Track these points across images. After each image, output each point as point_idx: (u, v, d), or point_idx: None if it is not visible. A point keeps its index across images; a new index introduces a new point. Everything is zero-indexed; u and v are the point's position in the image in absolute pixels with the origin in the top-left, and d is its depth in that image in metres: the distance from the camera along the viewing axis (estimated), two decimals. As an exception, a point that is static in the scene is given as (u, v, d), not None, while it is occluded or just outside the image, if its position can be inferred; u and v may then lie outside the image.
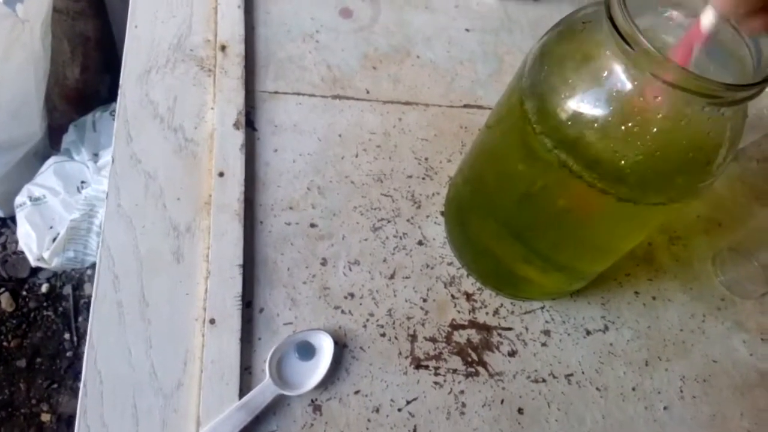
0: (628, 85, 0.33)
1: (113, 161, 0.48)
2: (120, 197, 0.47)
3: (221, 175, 0.48)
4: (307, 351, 0.44)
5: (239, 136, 0.50)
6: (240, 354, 0.43)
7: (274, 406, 0.43)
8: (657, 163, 0.34)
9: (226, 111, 0.51)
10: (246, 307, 0.45)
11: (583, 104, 0.35)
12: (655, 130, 0.33)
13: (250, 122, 0.53)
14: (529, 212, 0.43)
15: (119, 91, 0.51)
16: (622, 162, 0.34)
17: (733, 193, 0.60)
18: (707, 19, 0.31)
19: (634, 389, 0.48)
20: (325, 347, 0.45)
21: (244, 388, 0.42)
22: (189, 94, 0.53)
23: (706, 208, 0.58)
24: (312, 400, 0.44)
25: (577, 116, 0.35)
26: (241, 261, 0.46)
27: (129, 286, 0.44)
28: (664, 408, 0.48)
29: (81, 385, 0.41)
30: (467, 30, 0.65)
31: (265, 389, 0.42)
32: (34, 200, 0.96)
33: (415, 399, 0.45)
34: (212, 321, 0.43)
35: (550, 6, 0.68)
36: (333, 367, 0.45)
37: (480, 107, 0.59)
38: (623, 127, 0.34)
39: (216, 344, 0.43)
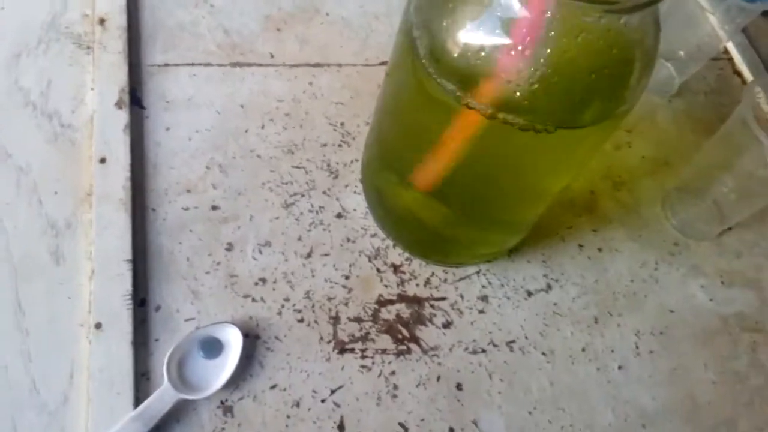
0: (514, 3, 0.28)
1: (-23, 158, 0.43)
2: (-13, 197, 0.42)
3: (102, 161, 0.43)
4: (212, 348, 0.40)
5: (122, 116, 0.45)
6: (133, 359, 0.38)
7: (178, 413, 0.38)
8: (557, 91, 0.30)
9: (106, 90, 0.46)
10: (139, 306, 0.40)
11: (467, 32, 0.30)
12: (548, 51, 0.29)
13: (137, 100, 0.47)
14: (441, 164, 0.38)
15: (-16, 80, 0.46)
16: (517, 94, 0.29)
17: (679, 130, 0.56)
18: None
19: (583, 350, 0.44)
20: (233, 341, 0.40)
21: (141, 397, 0.38)
22: (65, 76, 0.47)
23: (651, 147, 0.54)
24: (222, 402, 0.39)
25: (464, 47, 0.30)
26: (129, 255, 0.41)
27: (1, 294, 0.39)
28: (619, 367, 0.44)
29: (-53, 413, 0.36)
30: (383, -18, 0.59)
31: (163, 395, 0.37)
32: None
33: (340, 387, 0.40)
34: (98, 325, 0.38)
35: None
36: (244, 362, 0.40)
37: (400, 63, 0.54)
38: (512, 53, 0.29)
39: (104, 350, 0.38)
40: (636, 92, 0.31)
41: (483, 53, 0.29)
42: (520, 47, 0.28)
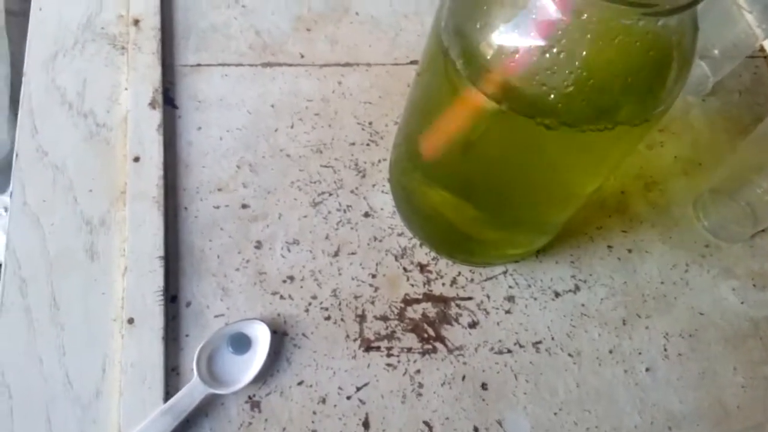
0: (549, 5, 0.28)
1: (16, 156, 0.44)
2: (25, 194, 0.43)
3: (136, 159, 0.44)
4: (241, 343, 0.40)
5: (156, 116, 0.46)
6: (164, 354, 0.39)
7: (206, 407, 0.39)
8: (592, 93, 0.29)
9: (140, 90, 0.47)
10: (170, 302, 0.41)
11: (501, 34, 0.30)
12: (584, 54, 0.29)
13: (169, 100, 0.48)
14: (471, 165, 0.38)
15: (23, 80, 0.47)
16: (551, 97, 0.29)
17: (713, 130, 0.55)
18: None
19: (611, 352, 0.44)
20: (261, 337, 0.40)
21: (171, 391, 0.38)
22: (100, 76, 0.48)
23: (684, 148, 0.53)
24: (249, 397, 0.40)
25: (497, 49, 0.30)
26: (162, 252, 0.42)
27: (38, 290, 0.40)
28: (647, 369, 0.43)
29: (-14, 404, 0.37)
30: (412, -19, 0.59)
31: (192, 389, 0.38)
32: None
33: (366, 384, 0.41)
34: (131, 320, 0.39)
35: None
36: (272, 358, 0.40)
37: (428, 62, 0.54)
38: (547, 56, 0.29)
39: (136, 345, 0.39)
40: (673, 94, 0.31)
41: (517, 56, 0.29)
42: (555, 50, 0.28)
